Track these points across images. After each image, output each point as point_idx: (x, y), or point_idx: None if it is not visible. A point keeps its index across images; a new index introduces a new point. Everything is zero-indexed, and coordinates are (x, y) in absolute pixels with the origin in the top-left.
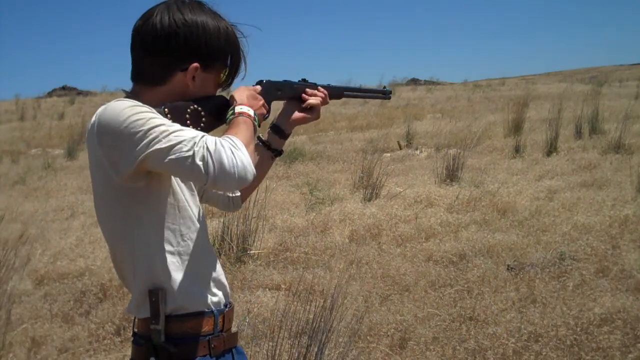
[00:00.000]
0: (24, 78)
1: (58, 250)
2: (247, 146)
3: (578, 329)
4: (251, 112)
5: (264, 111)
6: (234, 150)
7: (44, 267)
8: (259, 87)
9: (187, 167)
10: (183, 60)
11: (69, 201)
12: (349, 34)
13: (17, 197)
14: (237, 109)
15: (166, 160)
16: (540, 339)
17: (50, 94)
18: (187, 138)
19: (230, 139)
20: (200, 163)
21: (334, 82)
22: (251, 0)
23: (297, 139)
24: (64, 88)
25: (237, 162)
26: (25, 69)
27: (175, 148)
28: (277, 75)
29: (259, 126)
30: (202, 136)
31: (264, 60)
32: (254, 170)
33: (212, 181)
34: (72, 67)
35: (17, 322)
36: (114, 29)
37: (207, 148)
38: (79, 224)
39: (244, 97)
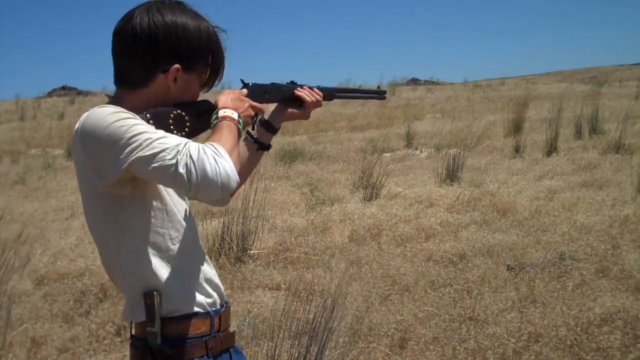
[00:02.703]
0: (24, 78)
1: (58, 250)
2: (230, 152)
3: (578, 329)
4: (235, 115)
5: (251, 112)
6: (217, 158)
7: (44, 267)
8: (245, 90)
9: (170, 176)
10: (164, 62)
11: (69, 201)
12: (349, 33)
13: (17, 197)
14: (221, 112)
15: (149, 168)
16: (540, 339)
17: (50, 94)
18: (170, 146)
19: (213, 147)
20: (183, 171)
21: (334, 83)
22: None
23: (297, 139)
24: (64, 88)
25: (220, 170)
26: (25, 69)
27: (159, 156)
28: (276, 74)
29: (252, 127)
30: (186, 144)
31: (262, 60)
32: (238, 177)
33: (194, 189)
34: (72, 67)
35: (17, 322)
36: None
37: (190, 156)
38: (79, 224)
39: (228, 100)
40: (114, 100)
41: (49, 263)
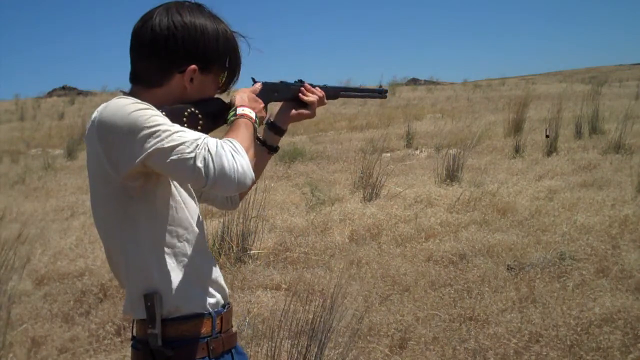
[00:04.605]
0: (24, 78)
1: (58, 250)
2: (247, 149)
3: (579, 329)
4: (252, 115)
5: (265, 114)
6: (234, 154)
7: (44, 267)
8: (258, 86)
9: (188, 169)
10: (181, 63)
11: (69, 201)
12: (349, 33)
13: (17, 197)
14: (239, 110)
15: (168, 160)
16: (540, 339)
17: (50, 94)
18: (189, 139)
19: (232, 143)
20: (201, 165)
21: (333, 82)
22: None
23: (297, 139)
24: (64, 88)
25: (237, 166)
26: (25, 69)
27: (178, 149)
28: (276, 74)
29: (259, 126)
30: (204, 138)
31: (262, 60)
32: (253, 175)
33: (211, 184)
34: (72, 67)
35: (17, 322)
36: (114, 29)
37: (209, 150)
38: (79, 224)
39: (245, 99)
40: (129, 96)
41: (49, 263)
